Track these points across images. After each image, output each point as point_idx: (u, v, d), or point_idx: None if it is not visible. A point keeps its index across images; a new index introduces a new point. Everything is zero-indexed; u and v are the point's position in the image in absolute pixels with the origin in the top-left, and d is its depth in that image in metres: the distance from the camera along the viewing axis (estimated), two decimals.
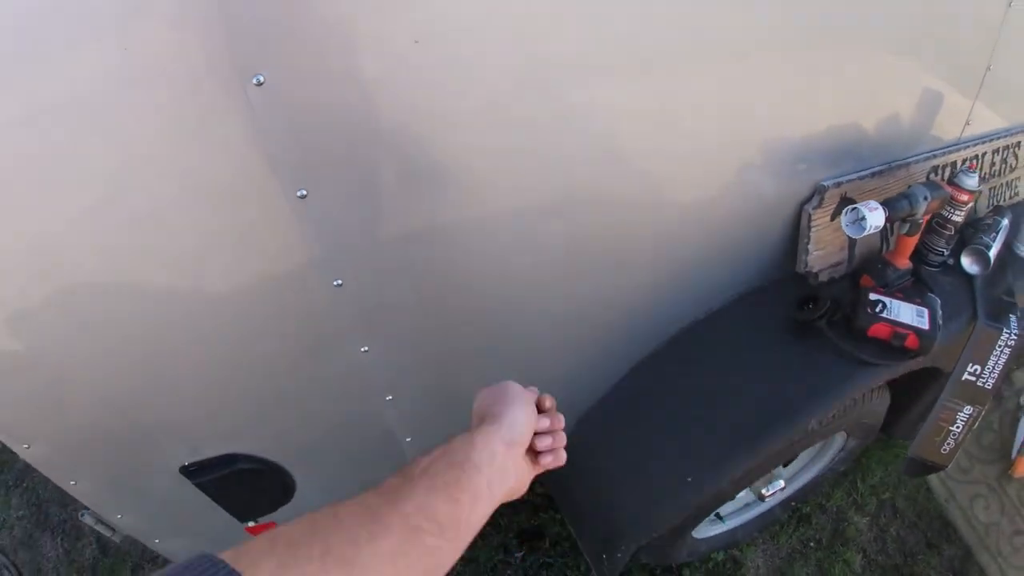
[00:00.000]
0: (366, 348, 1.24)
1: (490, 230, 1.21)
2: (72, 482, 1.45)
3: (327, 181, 0.99)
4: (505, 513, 2.28)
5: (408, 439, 1.52)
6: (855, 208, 1.41)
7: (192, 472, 1.43)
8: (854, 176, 1.50)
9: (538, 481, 0.85)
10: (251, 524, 1.68)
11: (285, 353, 1.25)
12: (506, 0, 0.96)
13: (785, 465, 2.08)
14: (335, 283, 1.12)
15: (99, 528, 1.60)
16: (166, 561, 1.96)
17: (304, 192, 0.97)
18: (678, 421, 1.58)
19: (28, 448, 1.33)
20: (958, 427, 1.62)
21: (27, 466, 1.47)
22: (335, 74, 0.90)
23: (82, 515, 1.58)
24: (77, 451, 1.39)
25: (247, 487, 1.50)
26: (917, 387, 1.79)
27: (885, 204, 1.41)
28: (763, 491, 2.00)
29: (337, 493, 1.53)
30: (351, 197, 1.04)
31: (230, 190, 0.95)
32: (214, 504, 1.55)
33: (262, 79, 0.84)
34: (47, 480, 1.39)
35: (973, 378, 1.57)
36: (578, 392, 1.68)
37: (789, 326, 1.51)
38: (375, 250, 1.12)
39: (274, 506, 1.60)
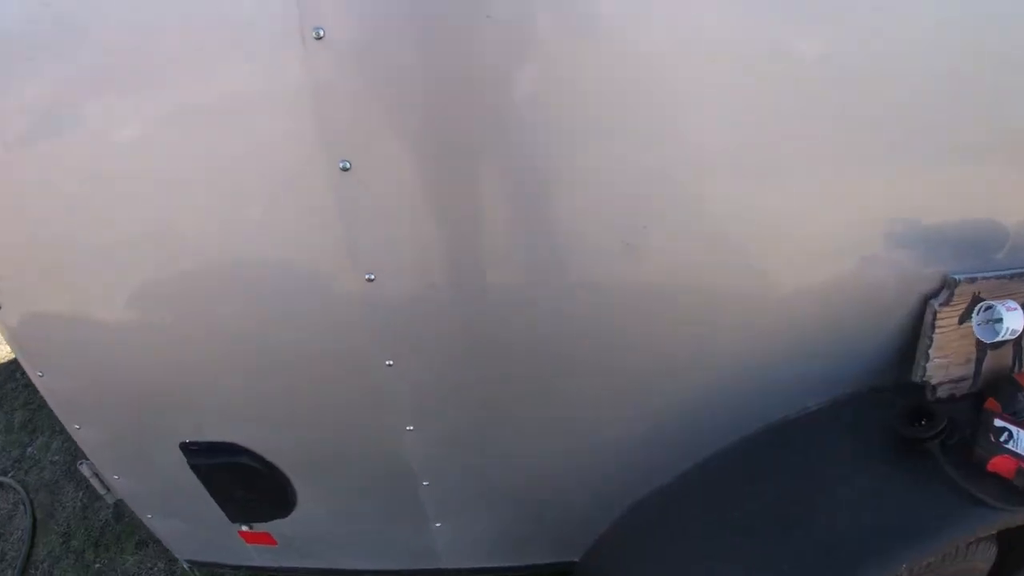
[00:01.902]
0: (391, 362, 1.09)
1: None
2: (76, 426, 1.38)
3: None
4: None
5: (426, 483, 1.32)
6: (991, 307, 1.14)
7: (191, 451, 1.31)
8: (992, 274, 1.20)
9: None
10: (244, 528, 1.53)
11: (312, 358, 1.14)
12: None
13: None
14: (367, 277, 1.01)
15: (94, 483, 1.52)
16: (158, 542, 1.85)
17: None
18: (735, 543, 1.28)
19: (41, 376, 1.27)
20: None
21: None
22: None
23: (80, 463, 1.50)
24: (87, 394, 1.32)
25: (244, 485, 1.35)
26: None
27: None
28: None
29: (337, 519, 1.38)
30: None
31: None
32: (211, 497, 1.42)
33: None
34: None
35: None
36: (630, 475, 1.43)
37: (892, 443, 1.20)
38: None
39: (271, 516, 1.45)
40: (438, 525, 1.45)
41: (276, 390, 1.20)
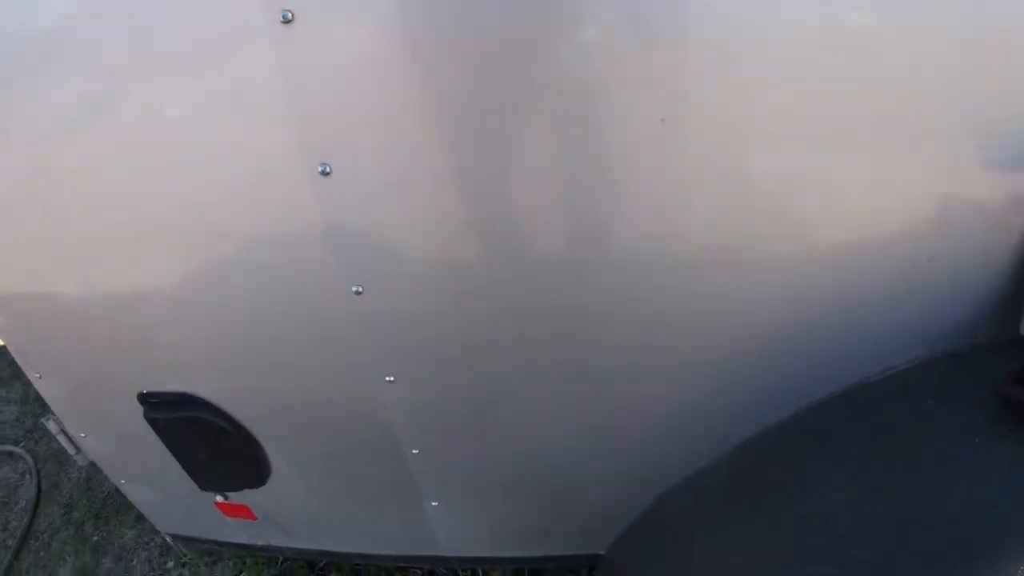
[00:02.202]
0: (358, 289, 0.88)
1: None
2: (37, 375, 1.22)
3: None
4: None
5: (415, 451, 1.12)
6: None
7: (150, 404, 1.14)
8: None
9: None
10: (220, 500, 1.35)
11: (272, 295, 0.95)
12: None
13: None
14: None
15: (62, 440, 1.37)
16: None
17: None
18: (795, 536, 1.03)
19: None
20: None
21: None
22: None
23: (46, 419, 1.36)
24: (45, 339, 1.16)
25: (208, 446, 1.18)
26: None
27: None
28: None
29: (319, 493, 1.19)
30: None
31: None
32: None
33: None
34: None
35: None
36: (665, 458, 1.19)
37: (999, 410, 0.93)
38: None
39: (243, 485, 1.27)
40: (434, 504, 1.25)
41: (236, 336, 1.02)
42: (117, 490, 2.33)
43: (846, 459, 1.05)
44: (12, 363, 3.10)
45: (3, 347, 1.24)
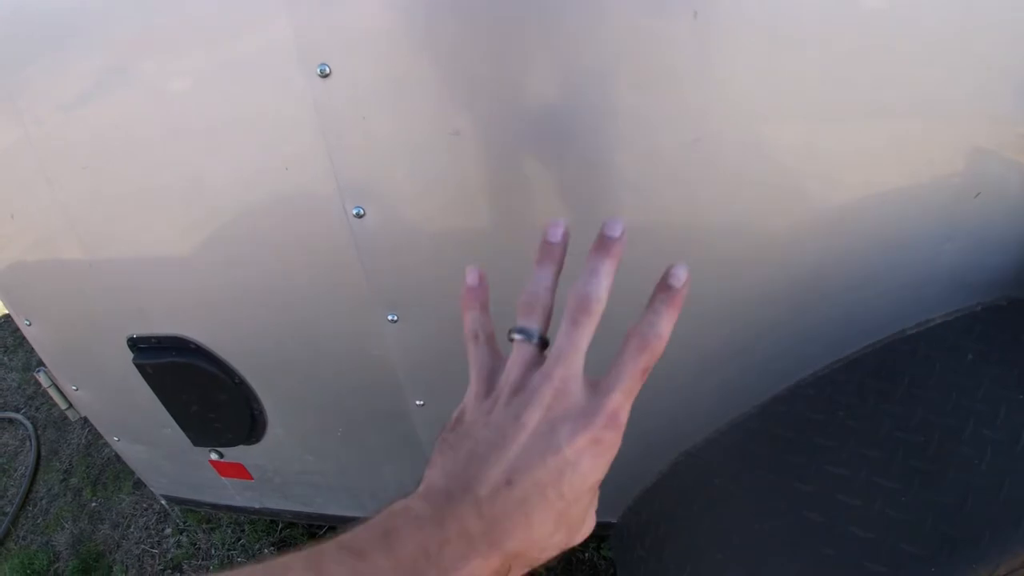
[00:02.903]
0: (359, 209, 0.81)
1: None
2: (27, 321, 1.17)
3: None
4: None
5: (419, 402, 1.05)
6: None
7: (139, 349, 1.08)
8: None
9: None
10: (215, 458, 1.30)
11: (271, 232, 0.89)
12: None
13: None
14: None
15: (53, 394, 1.32)
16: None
17: None
18: (821, 499, 0.96)
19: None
20: None
21: None
22: None
23: (37, 370, 1.31)
24: (35, 281, 1.11)
25: (201, 397, 1.11)
26: None
27: None
28: None
29: (319, 451, 1.12)
30: None
31: None
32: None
33: None
34: None
35: None
36: (682, 417, 1.12)
37: None
38: None
39: (239, 439, 1.21)
40: None
41: (233, 274, 0.96)
42: (116, 457, 2.30)
43: (881, 416, 0.98)
44: (16, 331, 3.09)
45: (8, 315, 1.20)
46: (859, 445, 0.94)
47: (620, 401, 0.39)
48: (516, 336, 0.41)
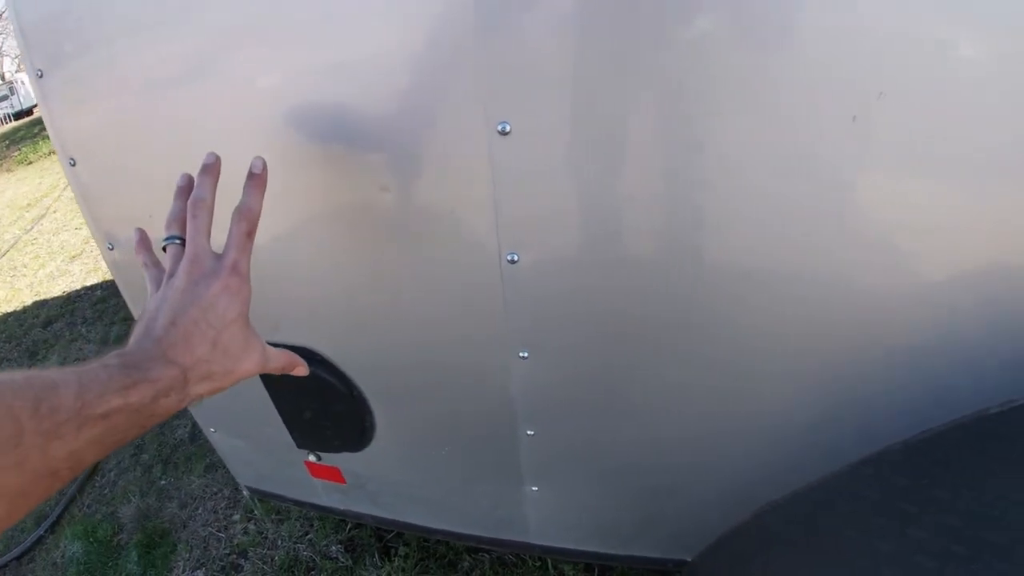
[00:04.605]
0: (514, 256, 0.84)
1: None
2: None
3: None
4: None
5: (530, 432, 1.08)
6: None
7: None
8: None
9: None
10: (312, 459, 1.34)
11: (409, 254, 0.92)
12: None
13: None
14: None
15: None
16: (227, 469, 1.70)
17: None
18: (901, 561, 0.96)
19: (111, 249, 1.13)
20: None
21: None
22: None
23: None
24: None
25: (317, 405, 1.15)
26: None
27: None
28: None
29: (417, 464, 1.16)
30: None
31: None
32: (278, 418, 1.24)
33: None
34: None
35: None
36: (766, 472, 1.13)
37: None
38: None
39: (343, 447, 1.25)
40: (534, 489, 1.21)
41: (365, 294, 0.99)
42: (190, 439, 2.39)
43: (961, 487, 0.98)
44: (95, 304, 3.20)
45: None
46: (938, 512, 0.94)
47: (235, 257, 0.62)
48: (166, 243, 0.64)
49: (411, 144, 0.81)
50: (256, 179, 0.67)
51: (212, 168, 0.66)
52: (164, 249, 0.64)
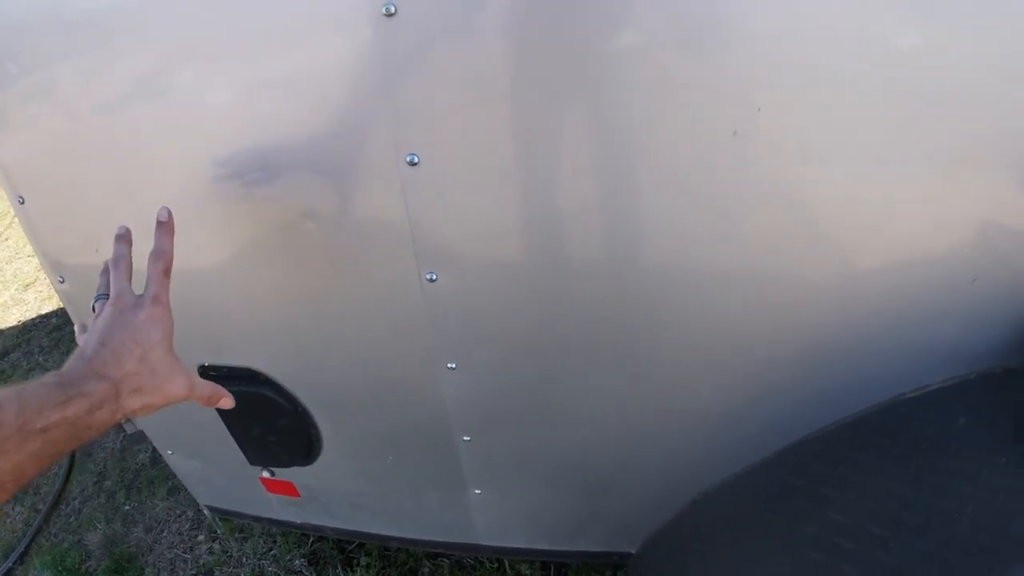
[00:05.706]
0: (432, 275, 0.91)
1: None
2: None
3: None
4: None
5: (466, 438, 1.14)
6: None
7: (211, 377, 1.16)
8: None
9: None
10: (266, 475, 1.38)
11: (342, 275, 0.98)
12: None
13: None
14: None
15: None
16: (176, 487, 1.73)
17: None
18: (826, 544, 1.04)
19: (62, 283, 1.16)
20: None
21: None
22: None
23: None
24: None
25: (264, 422, 1.20)
26: None
27: None
28: None
29: (366, 475, 1.21)
30: None
31: None
32: (230, 437, 1.28)
33: None
34: None
35: None
36: (702, 461, 1.21)
37: None
38: None
39: (293, 462, 1.30)
40: (477, 492, 1.27)
41: (304, 314, 1.04)
42: (151, 463, 2.40)
43: (878, 471, 1.06)
44: (50, 332, 3.17)
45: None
46: (857, 496, 1.03)
47: (156, 290, 0.70)
48: (95, 303, 0.72)
49: (334, 173, 0.87)
50: (164, 226, 0.75)
51: (125, 237, 0.77)
52: (93, 308, 0.72)
